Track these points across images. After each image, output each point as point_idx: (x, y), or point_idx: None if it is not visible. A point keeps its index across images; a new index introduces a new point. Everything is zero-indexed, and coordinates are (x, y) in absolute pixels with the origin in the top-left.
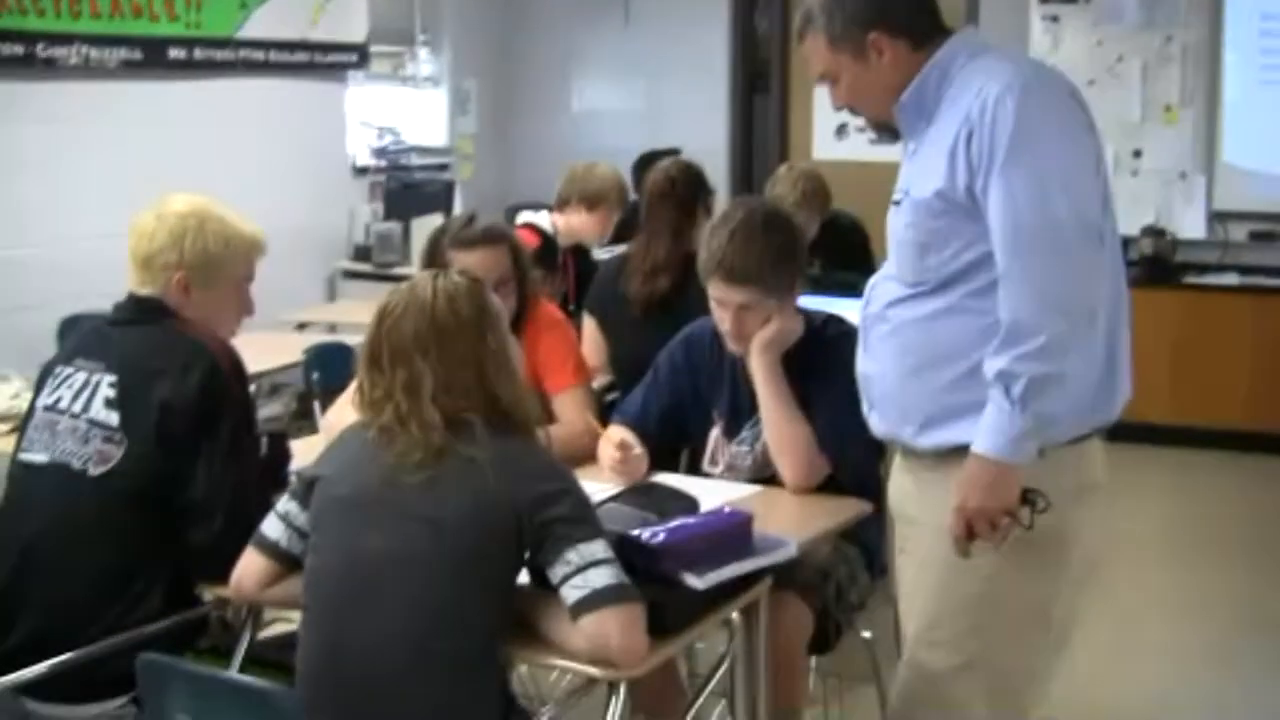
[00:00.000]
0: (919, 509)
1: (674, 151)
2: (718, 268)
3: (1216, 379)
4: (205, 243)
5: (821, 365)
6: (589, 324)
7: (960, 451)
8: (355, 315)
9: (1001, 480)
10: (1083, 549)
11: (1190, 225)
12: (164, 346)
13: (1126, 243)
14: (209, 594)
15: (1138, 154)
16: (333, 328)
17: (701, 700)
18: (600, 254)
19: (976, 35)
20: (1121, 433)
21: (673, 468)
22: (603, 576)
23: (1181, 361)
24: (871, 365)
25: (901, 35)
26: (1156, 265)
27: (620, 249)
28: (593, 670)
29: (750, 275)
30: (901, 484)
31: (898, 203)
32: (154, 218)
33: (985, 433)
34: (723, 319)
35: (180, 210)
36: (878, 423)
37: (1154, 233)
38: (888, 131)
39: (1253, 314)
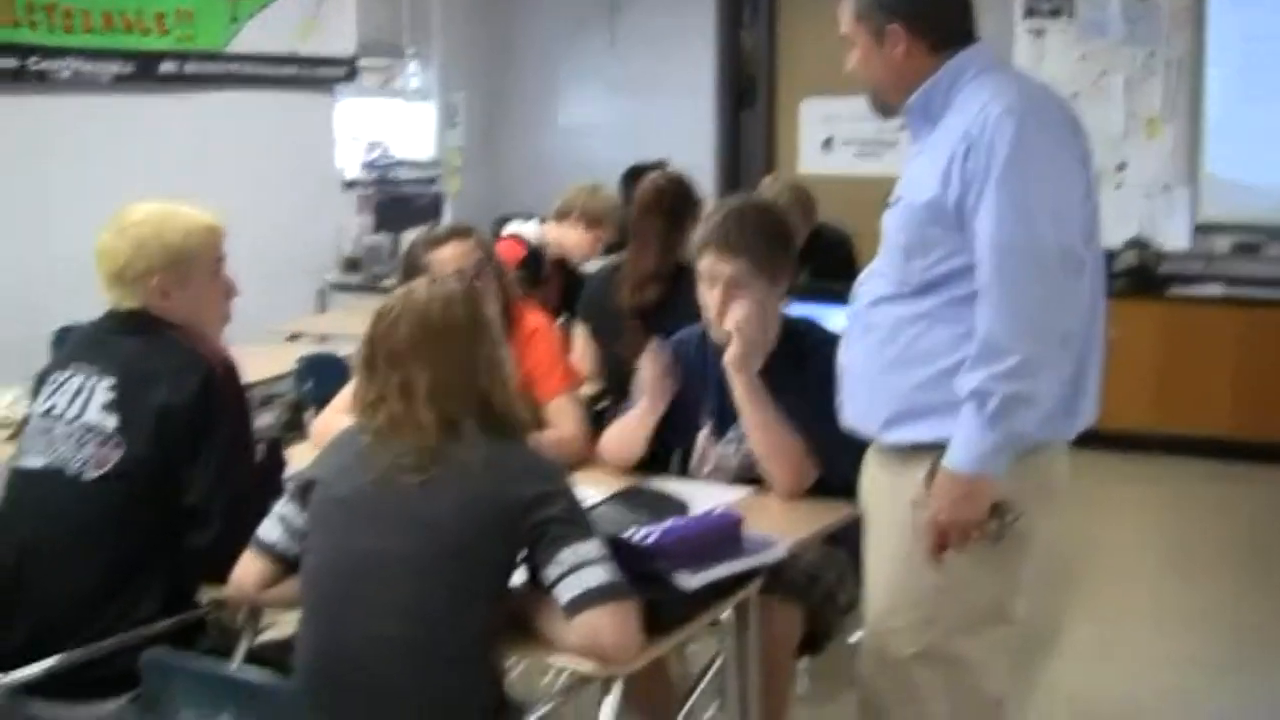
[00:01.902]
0: (881, 502)
1: (661, 165)
2: (712, 238)
3: (1201, 389)
4: (169, 240)
5: (806, 370)
6: (580, 332)
7: (920, 450)
8: (346, 326)
9: (973, 493)
10: (1041, 550)
11: (1174, 237)
12: (161, 352)
13: (1111, 255)
14: (207, 596)
15: (1121, 167)
16: (324, 339)
17: (693, 700)
18: (589, 265)
19: (991, 51)
20: (1107, 442)
21: (664, 471)
22: (596, 575)
23: (1166, 372)
24: (850, 357)
25: (922, 35)
26: (1141, 277)
27: (611, 259)
28: (587, 666)
29: (743, 247)
30: (868, 476)
31: (893, 204)
32: (113, 234)
33: (958, 448)
34: (710, 296)
35: (135, 219)
36: (847, 412)
37: (1138, 245)
38: (880, 109)
39: (1237, 325)
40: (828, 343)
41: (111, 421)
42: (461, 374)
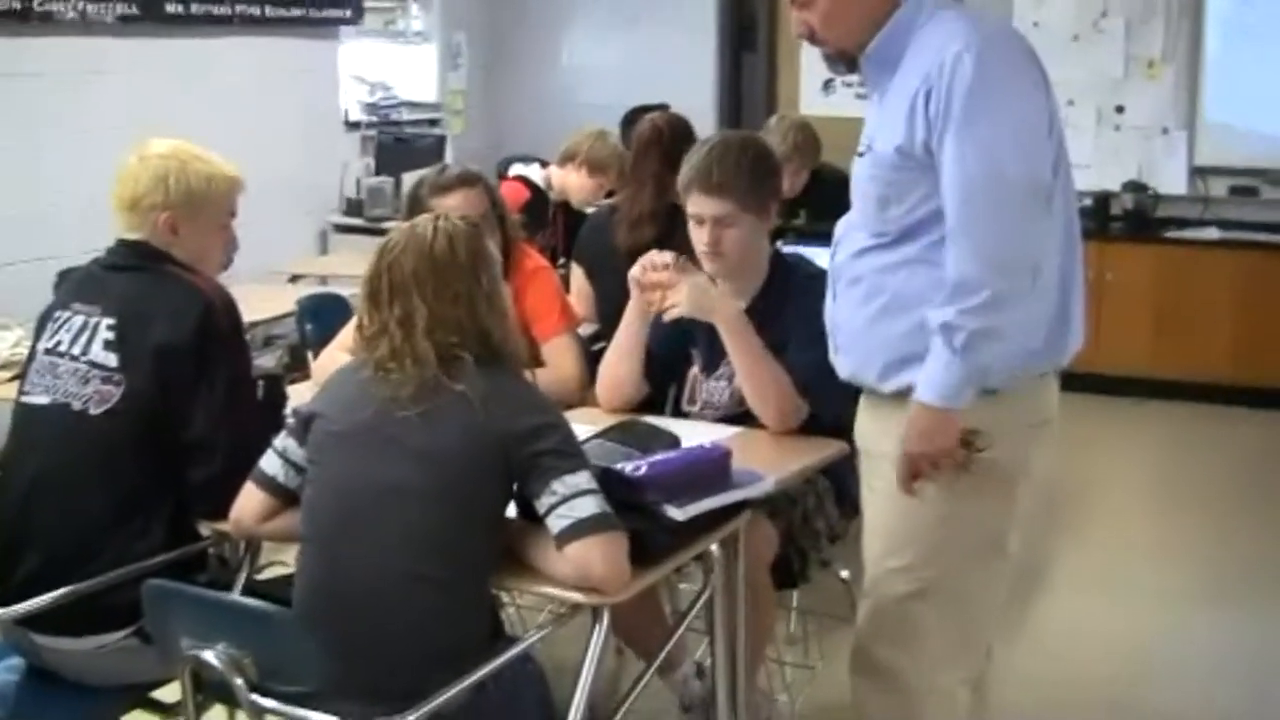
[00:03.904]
0: (879, 444)
1: (662, 107)
2: (696, 178)
3: (1197, 333)
4: (189, 181)
5: (795, 307)
6: (577, 273)
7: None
8: (347, 268)
9: (941, 424)
10: (1033, 480)
11: (1171, 180)
12: (159, 290)
13: (1108, 198)
14: (208, 530)
15: (1120, 109)
16: (324, 280)
17: (681, 633)
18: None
19: None
20: (1103, 384)
21: (658, 410)
22: (587, 506)
23: (1163, 315)
24: (839, 311)
25: None
26: (1138, 220)
27: (608, 201)
28: (577, 596)
29: (727, 186)
30: (864, 421)
31: (862, 154)
32: (136, 161)
33: (926, 381)
34: (699, 234)
35: (162, 152)
36: (844, 366)
37: (1135, 188)
38: (844, 63)
39: (1233, 268)
40: (816, 278)
41: (112, 359)
42: (461, 307)
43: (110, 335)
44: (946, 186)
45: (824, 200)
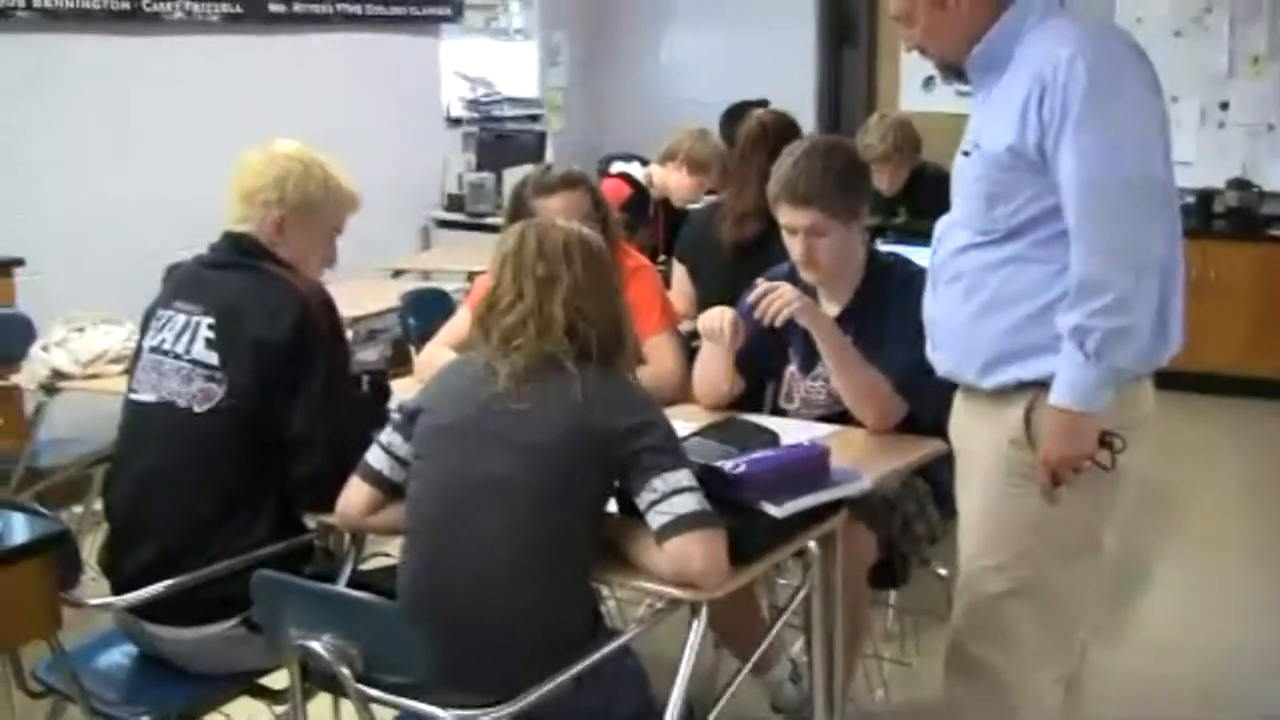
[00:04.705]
0: (976, 441)
1: (763, 103)
2: (783, 191)
3: None
4: (307, 186)
5: (892, 306)
6: (678, 271)
7: (1018, 389)
8: (449, 263)
9: (1081, 429)
10: (1129, 481)
11: (1277, 178)
12: (257, 289)
13: (1211, 195)
14: (314, 523)
15: (1224, 106)
16: (427, 275)
17: (778, 629)
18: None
19: None
20: (1202, 383)
21: (756, 408)
22: (687, 503)
23: (1265, 314)
24: (938, 308)
25: None
26: (1242, 218)
27: (710, 199)
28: (676, 592)
29: (814, 197)
30: (961, 418)
31: (967, 154)
32: (262, 156)
33: (1062, 386)
34: (793, 245)
35: (288, 152)
36: (941, 362)
37: (1240, 185)
38: (954, 73)
39: None
40: (913, 277)
41: (214, 358)
42: (599, 289)
43: (211, 334)
44: (1067, 188)
45: (924, 198)
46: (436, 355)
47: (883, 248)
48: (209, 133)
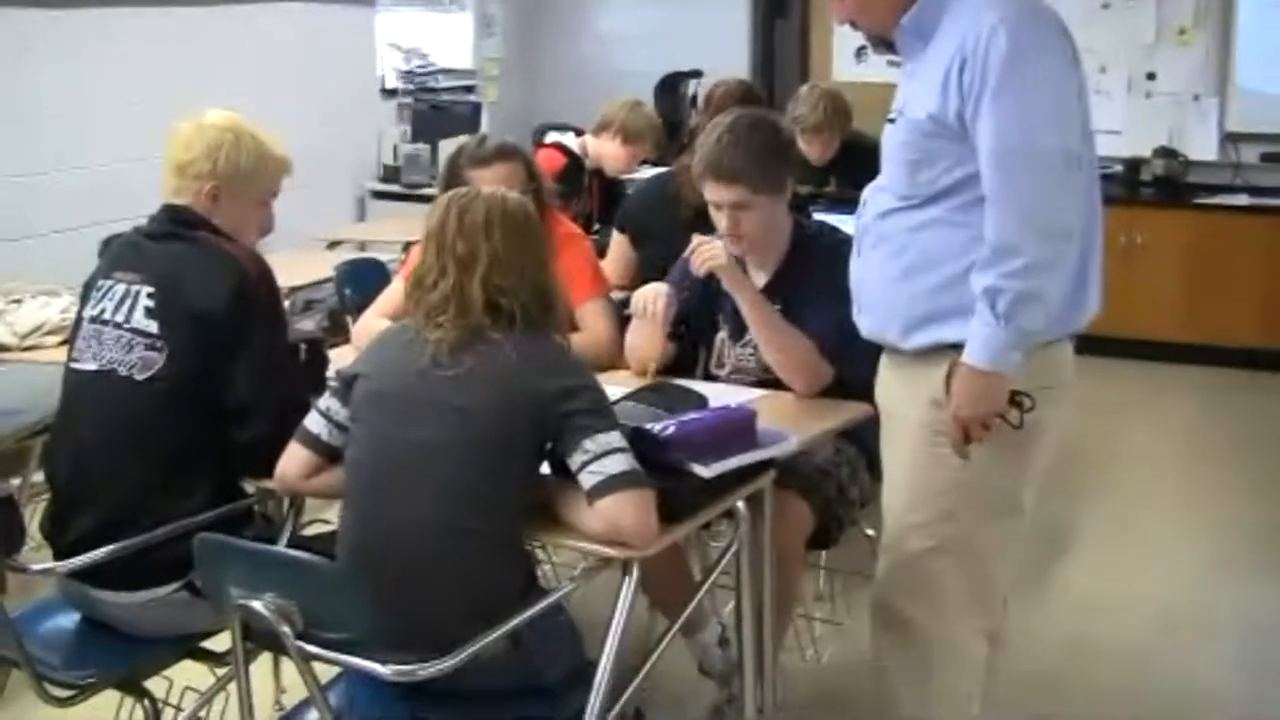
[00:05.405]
0: (900, 402)
1: (696, 74)
2: (708, 168)
3: (1227, 298)
4: (239, 157)
5: (819, 272)
6: (618, 239)
7: (940, 350)
8: (385, 234)
9: (991, 387)
10: (1051, 442)
11: (1202, 147)
12: (196, 258)
13: (1139, 164)
14: (253, 488)
15: (1151, 76)
16: (362, 245)
17: (707, 589)
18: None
19: None
20: (1133, 350)
21: (689, 374)
22: (618, 464)
23: (1193, 281)
24: (863, 270)
25: None
26: (1168, 186)
27: (658, 170)
28: (607, 550)
29: (738, 172)
30: (885, 380)
31: (892, 120)
32: (192, 128)
33: (974, 345)
34: (719, 219)
35: (218, 123)
36: (866, 324)
37: (1166, 154)
38: (884, 45)
39: (1264, 234)
40: (840, 244)
41: (153, 326)
42: (520, 260)
43: (150, 303)
44: (984, 155)
45: (855, 168)
46: (372, 325)
47: (815, 217)
48: (143, 105)
